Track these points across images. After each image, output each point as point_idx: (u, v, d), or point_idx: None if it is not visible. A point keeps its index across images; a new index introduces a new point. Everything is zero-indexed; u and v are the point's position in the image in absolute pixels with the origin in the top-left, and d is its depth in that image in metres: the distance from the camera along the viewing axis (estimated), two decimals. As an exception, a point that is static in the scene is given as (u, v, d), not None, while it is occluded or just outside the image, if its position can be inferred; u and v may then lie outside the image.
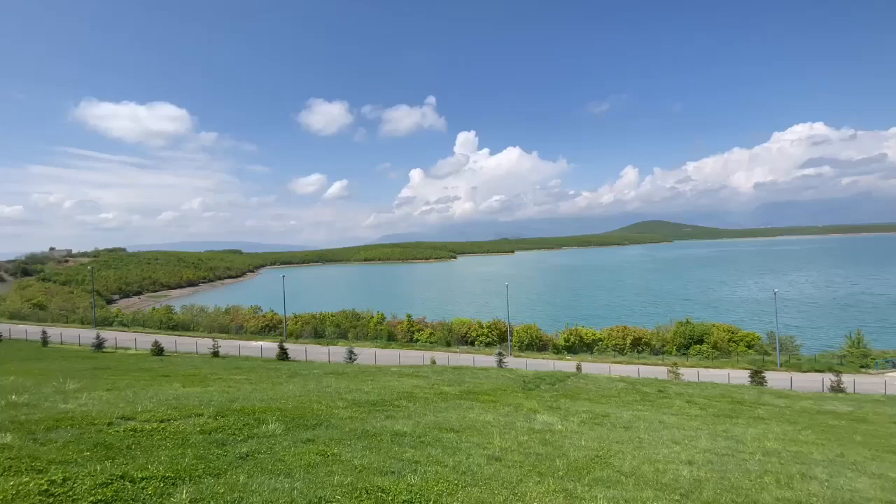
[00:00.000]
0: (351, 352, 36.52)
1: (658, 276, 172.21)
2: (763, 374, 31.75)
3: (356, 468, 5.18)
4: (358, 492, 4.35)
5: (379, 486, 4.51)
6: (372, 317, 61.15)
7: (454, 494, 4.58)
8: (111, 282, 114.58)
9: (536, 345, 53.39)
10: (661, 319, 61.42)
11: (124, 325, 58.79)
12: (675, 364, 36.99)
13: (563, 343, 52.95)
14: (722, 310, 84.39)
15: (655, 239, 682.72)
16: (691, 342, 48.81)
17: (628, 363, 44.22)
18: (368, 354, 42.42)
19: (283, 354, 36.16)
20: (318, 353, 43.20)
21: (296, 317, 61.72)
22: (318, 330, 57.56)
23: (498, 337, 54.93)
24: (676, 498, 4.93)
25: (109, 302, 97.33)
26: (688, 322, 51.58)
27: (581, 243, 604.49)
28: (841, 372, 35.26)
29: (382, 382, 17.21)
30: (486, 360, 41.57)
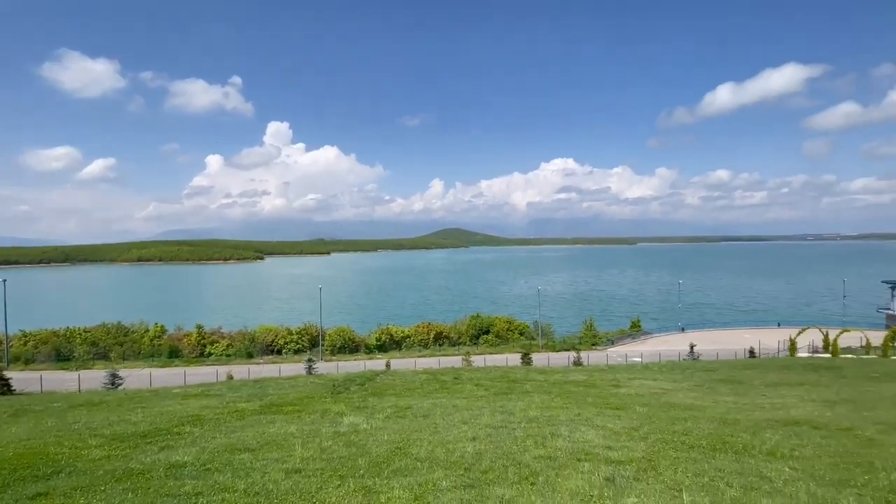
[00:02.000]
0: (114, 375, 29.56)
1: (455, 276, 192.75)
2: (530, 356, 38.73)
3: (112, 517, 4.22)
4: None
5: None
6: (147, 330, 50.68)
7: (244, 519, 4.19)
8: None
9: (349, 347, 53.10)
10: (458, 315, 68.79)
11: None
12: (468, 353, 41.98)
13: (374, 343, 53.99)
14: (502, 304, 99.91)
15: (456, 244, 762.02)
16: (480, 333, 56.07)
17: (431, 356, 48.01)
18: (141, 376, 35.11)
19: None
20: (62, 381, 33.59)
21: (25, 335, 46.59)
22: (61, 351, 44.56)
23: (309, 342, 52.53)
24: (461, 472, 5.61)
25: None
26: (477, 316, 59.19)
27: (395, 246, 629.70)
28: (580, 349, 45.83)
29: (159, 408, 14.46)
30: (294, 368, 39.22)
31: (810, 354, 39.36)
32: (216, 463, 6.40)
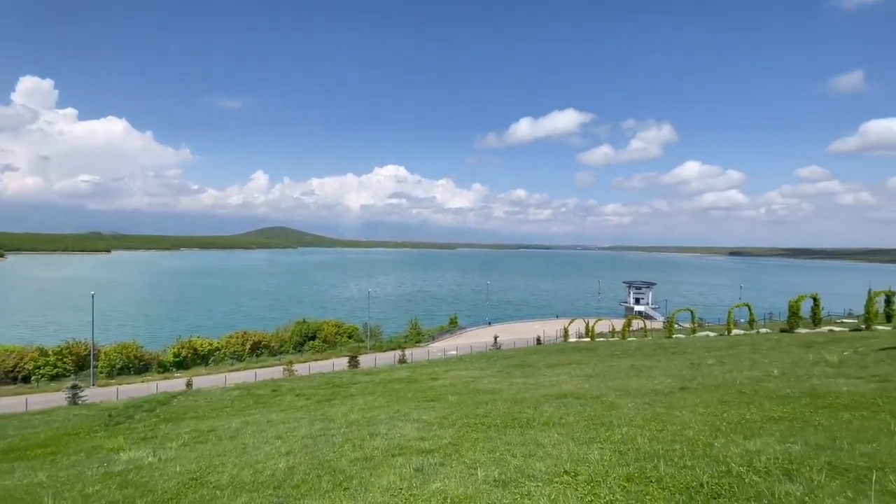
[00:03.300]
0: None
1: (280, 279, 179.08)
2: (357, 359, 38.67)
3: None
4: None
5: None
6: None
7: None
8: None
9: (136, 366, 44.12)
10: (281, 321, 64.09)
11: None
12: (291, 362, 39.46)
13: (172, 359, 46.14)
14: (330, 308, 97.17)
15: (281, 244, 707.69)
16: (306, 339, 53.37)
17: (246, 369, 43.46)
18: None
19: None
20: None
21: None
22: None
23: (75, 364, 41.75)
24: (269, 492, 5.24)
25: None
26: (304, 321, 56.22)
27: (204, 244, 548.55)
28: (405, 347, 47.85)
29: None
30: (51, 398, 30.57)
31: (577, 339, 49.38)
32: None
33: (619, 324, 50.37)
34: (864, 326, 29.13)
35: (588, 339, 46.06)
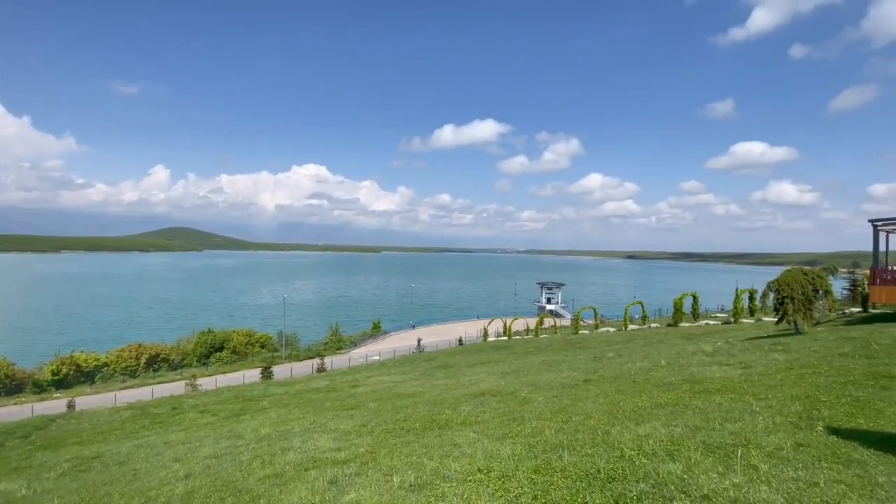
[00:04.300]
0: None
1: (182, 286, 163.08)
2: (271, 369, 36.49)
3: None
4: None
5: None
6: None
7: None
8: None
9: (7, 386, 38.00)
10: (183, 332, 58.44)
11: None
12: (194, 376, 36.14)
13: (50, 378, 40.18)
14: (241, 317, 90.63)
15: (185, 247, 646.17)
16: (212, 350, 49.22)
17: (141, 385, 38.97)
18: None
19: None
20: None
21: None
22: None
23: None
24: (163, 521, 4.75)
25: None
26: (209, 331, 51.79)
27: (91, 246, 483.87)
28: (324, 355, 46.11)
29: None
30: None
31: (496, 338, 51.27)
32: None
33: (532, 322, 53.08)
34: (732, 320, 33.77)
35: (506, 338, 47.96)
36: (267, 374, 35.42)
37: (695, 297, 38.60)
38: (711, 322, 36.37)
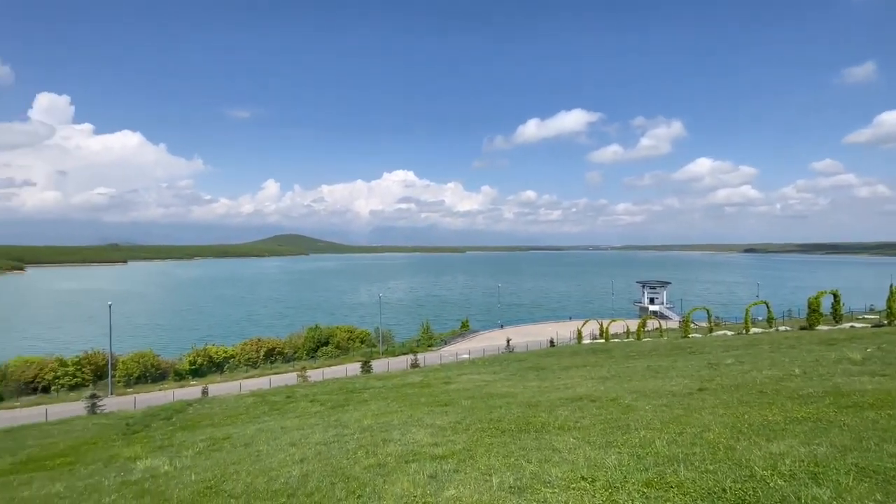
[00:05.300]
0: None
1: (293, 287, 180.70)
2: (370, 364, 38.69)
3: None
4: None
5: None
6: None
7: None
8: None
9: (152, 375, 44.80)
10: (294, 328, 64.55)
11: None
12: (304, 368, 39.69)
13: (188, 367, 46.76)
14: (341, 314, 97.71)
15: (294, 252, 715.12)
16: (319, 345, 53.66)
17: (261, 375, 43.82)
18: None
19: None
20: None
21: None
22: None
23: (94, 374, 42.54)
24: (283, 500, 5.22)
25: None
26: (317, 327, 56.56)
27: (218, 254, 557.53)
28: (417, 352, 47.79)
29: None
30: (70, 408, 31.15)
31: (591, 341, 48.84)
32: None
33: (633, 324, 49.71)
34: (886, 322, 28.31)
35: (602, 341, 45.53)
36: (367, 367, 37.68)
37: (835, 296, 33.02)
38: (858, 325, 30.93)
